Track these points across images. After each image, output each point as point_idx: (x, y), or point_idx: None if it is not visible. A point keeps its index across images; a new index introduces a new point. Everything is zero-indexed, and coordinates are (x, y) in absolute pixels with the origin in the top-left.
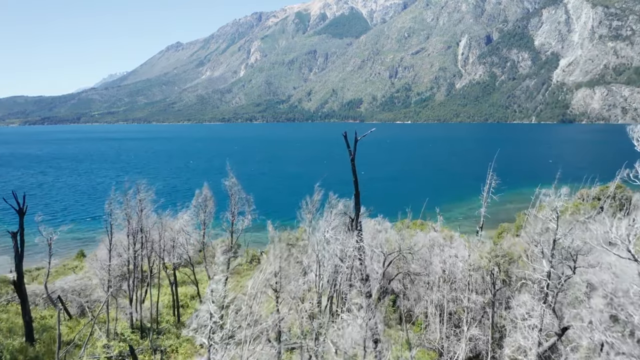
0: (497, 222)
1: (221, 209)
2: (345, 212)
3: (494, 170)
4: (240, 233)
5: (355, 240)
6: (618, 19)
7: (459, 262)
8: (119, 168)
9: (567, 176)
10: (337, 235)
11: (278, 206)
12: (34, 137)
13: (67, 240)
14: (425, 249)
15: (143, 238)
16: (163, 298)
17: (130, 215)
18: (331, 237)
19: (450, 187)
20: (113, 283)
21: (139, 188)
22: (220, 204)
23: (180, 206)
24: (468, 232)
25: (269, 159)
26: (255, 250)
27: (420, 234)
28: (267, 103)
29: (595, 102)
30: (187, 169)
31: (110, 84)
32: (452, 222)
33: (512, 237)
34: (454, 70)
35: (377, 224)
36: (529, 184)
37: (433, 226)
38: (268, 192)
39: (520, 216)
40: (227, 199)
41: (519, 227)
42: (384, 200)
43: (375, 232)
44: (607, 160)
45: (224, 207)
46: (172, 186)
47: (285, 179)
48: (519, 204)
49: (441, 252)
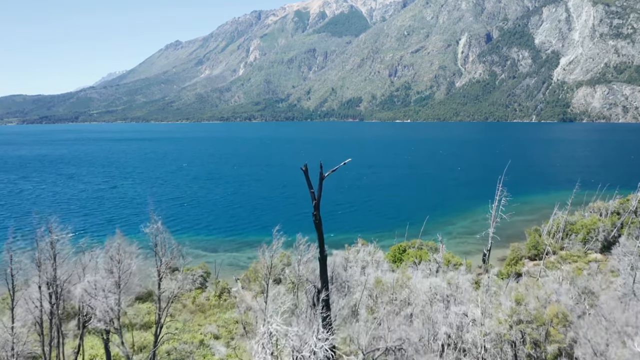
0: (505, 238)
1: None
2: (310, 280)
3: (502, 183)
4: (169, 302)
5: (319, 334)
6: (619, 17)
7: (469, 323)
8: (106, 173)
9: (581, 181)
10: (291, 324)
11: (275, 218)
12: (29, 138)
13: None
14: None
15: (58, 290)
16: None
17: (41, 261)
18: (279, 330)
19: (451, 193)
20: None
21: (51, 228)
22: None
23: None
24: (473, 253)
25: (266, 162)
26: (226, 283)
27: (418, 276)
28: (266, 102)
29: (596, 100)
30: (177, 174)
31: (109, 83)
32: (456, 239)
33: (531, 264)
34: (454, 68)
35: (369, 254)
36: (537, 190)
37: (435, 258)
38: (261, 202)
39: (531, 234)
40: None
41: (532, 248)
42: (381, 211)
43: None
44: (616, 163)
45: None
46: (155, 195)
47: (281, 188)
48: (527, 216)
49: (446, 309)
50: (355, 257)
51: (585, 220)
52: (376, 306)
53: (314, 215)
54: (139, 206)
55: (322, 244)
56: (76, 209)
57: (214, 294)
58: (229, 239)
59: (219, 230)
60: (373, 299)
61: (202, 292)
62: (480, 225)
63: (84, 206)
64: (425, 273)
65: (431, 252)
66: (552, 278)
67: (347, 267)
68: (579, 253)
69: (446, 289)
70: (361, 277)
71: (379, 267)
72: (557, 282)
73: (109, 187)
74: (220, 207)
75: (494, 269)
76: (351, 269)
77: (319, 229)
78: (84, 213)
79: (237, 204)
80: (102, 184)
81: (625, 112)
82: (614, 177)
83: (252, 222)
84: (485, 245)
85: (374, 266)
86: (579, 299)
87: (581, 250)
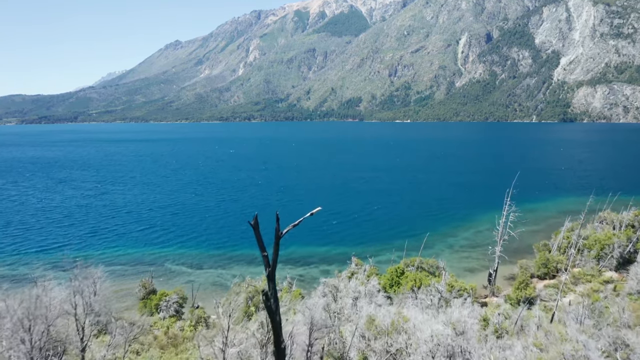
0: (511, 252)
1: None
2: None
3: (510, 197)
4: None
5: None
6: (619, 17)
7: None
8: (98, 177)
9: (588, 187)
10: None
11: None
12: (25, 139)
13: None
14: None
15: None
16: None
17: None
18: None
19: (453, 200)
20: None
21: None
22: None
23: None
24: (477, 270)
25: (263, 165)
26: (203, 312)
27: (417, 315)
28: (266, 102)
29: (597, 101)
30: (171, 179)
31: (108, 83)
32: (458, 253)
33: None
34: (454, 68)
35: (361, 283)
36: (542, 197)
37: (437, 287)
38: (255, 210)
39: (540, 251)
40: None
41: (541, 266)
42: (379, 220)
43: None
44: (625, 166)
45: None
46: (144, 203)
47: (276, 194)
48: (533, 226)
49: None
50: (346, 286)
51: (598, 234)
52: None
53: (264, 295)
54: (126, 215)
55: (277, 335)
56: (60, 218)
57: (189, 323)
58: (217, 252)
59: (208, 242)
60: (366, 341)
61: (177, 320)
62: (483, 237)
63: (69, 215)
64: (426, 304)
65: (431, 272)
66: (573, 323)
67: (337, 298)
68: (593, 271)
69: (451, 337)
70: (352, 311)
71: (372, 299)
72: (580, 330)
73: (99, 192)
74: (212, 216)
75: (501, 295)
76: (342, 300)
77: (273, 315)
78: (69, 223)
79: (230, 212)
80: (92, 190)
81: (626, 112)
82: (625, 182)
83: (245, 233)
84: (491, 264)
85: (367, 298)
86: (611, 352)
87: (595, 268)
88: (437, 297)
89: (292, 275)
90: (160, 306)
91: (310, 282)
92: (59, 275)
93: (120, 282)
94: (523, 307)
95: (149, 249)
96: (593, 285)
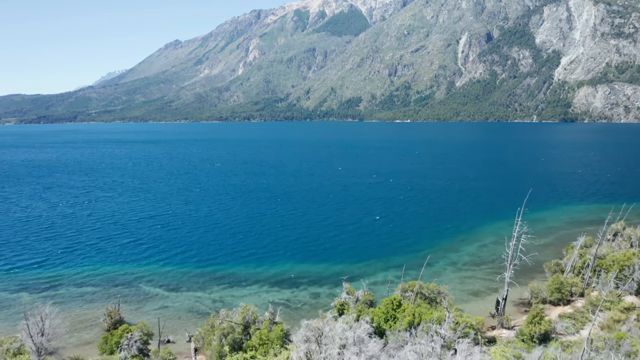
0: (518, 272)
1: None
2: None
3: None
4: None
5: None
6: (620, 17)
7: None
8: (88, 183)
9: (598, 194)
10: None
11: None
12: (21, 140)
13: None
14: None
15: None
16: None
17: None
18: None
19: (455, 209)
20: None
21: None
22: None
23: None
24: (483, 293)
25: (260, 168)
26: (168, 353)
27: None
28: (266, 101)
29: (598, 100)
30: (163, 184)
31: (108, 82)
32: (461, 271)
33: None
34: (454, 68)
35: (350, 327)
36: (549, 205)
37: (438, 331)
38: (246, 222)
39: (553, 273)
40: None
41: (554, 291)
42: (377, 233)
43: None
44: (632, 167)
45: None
46: (132, 211)
47: (272, 202)
48: (542, 239)
49: None
50: (332, 329)
51: (616, 254)
52: None
53: None
54: (111, 227)
55: None
56: (39, 231)
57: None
58: (200, 271)
59: (193, 258)
60: None
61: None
62: (488, 252)
63: (50, 226)
64: (426, 350)
65: (432, 299)
66: None
67: (322, 344)
68: (612, 297)
69: None
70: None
71: (362, 347)
72: None
73: (86, 200)
74: (200, 229)
75: (511, 326)
76: (326, 350)
77: None
78: (48, 235)
79: (220, 224)
80: (79, 196)
81: (627, 112)
82: (636, 189)
83: (234, 247)
84: (500, 291)
85: (356, 347)
86: None
87: (614, 293)
88: (439, 343)
89: (278, 300)
90: (121, 344)
91: (297, 309)
92: (22, 299)
93: (87, 308)
94: (541, 353)
95: (127, 266)
96: (613, 314)
